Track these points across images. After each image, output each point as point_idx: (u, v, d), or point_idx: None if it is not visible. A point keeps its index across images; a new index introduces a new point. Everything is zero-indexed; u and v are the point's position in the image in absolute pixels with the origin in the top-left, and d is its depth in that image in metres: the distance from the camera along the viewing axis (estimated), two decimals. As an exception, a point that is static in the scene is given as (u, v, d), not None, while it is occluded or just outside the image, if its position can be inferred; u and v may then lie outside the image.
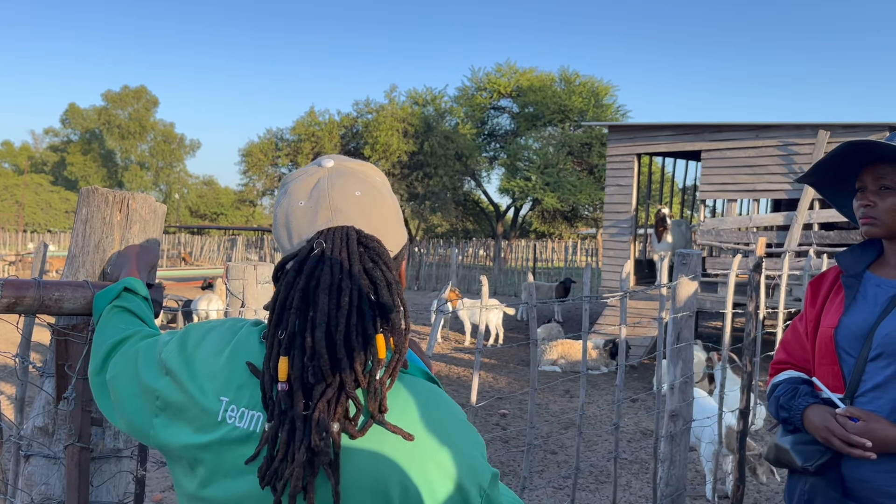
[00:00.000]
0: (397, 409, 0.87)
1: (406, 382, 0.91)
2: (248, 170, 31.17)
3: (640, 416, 7.14)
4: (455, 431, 0.88)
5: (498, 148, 31.98)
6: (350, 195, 0.93)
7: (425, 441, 0.86)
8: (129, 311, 1.25)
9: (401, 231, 0.98)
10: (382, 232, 0.93)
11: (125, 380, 1.06)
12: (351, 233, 0.89)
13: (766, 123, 10.40)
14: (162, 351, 1.03)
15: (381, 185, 0.97)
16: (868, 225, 1.69)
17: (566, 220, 33.20)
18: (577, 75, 29.92)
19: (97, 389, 1.14)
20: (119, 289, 1.30)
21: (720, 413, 4.16)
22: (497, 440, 6.18)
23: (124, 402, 1.05)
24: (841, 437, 1.62)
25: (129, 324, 1.20)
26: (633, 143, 11.92)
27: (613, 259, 12.23)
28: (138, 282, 1.34)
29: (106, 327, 1.21)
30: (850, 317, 1.70)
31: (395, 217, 0.97)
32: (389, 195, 0.98)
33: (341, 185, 0.94)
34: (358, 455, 0.85)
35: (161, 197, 55.99)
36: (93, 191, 1.62)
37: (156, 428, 0.98)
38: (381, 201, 0.95)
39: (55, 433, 1.60)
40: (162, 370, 1.01)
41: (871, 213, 1.68)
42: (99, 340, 1.19)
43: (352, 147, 29.88)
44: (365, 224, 0.92)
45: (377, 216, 0.93)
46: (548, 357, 9.65)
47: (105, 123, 53.41)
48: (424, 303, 16.56)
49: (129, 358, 1.08)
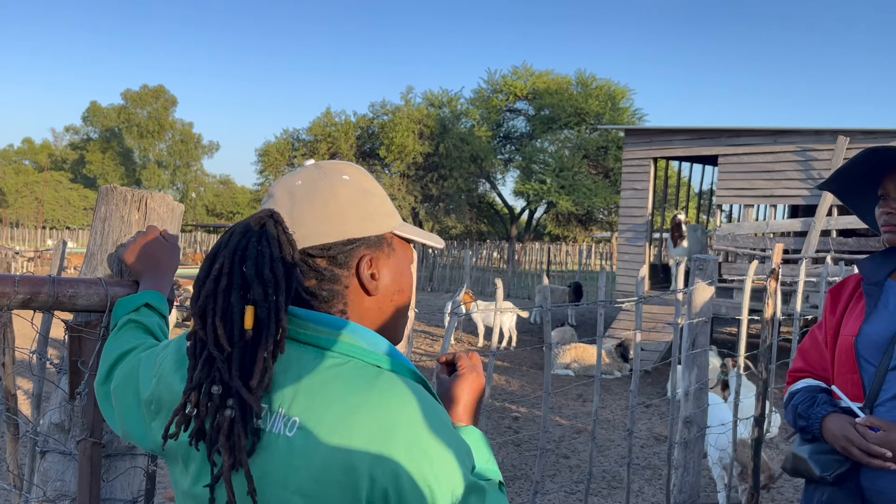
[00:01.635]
0: (372, 404, 0.86)
1: (385, 379, 0.89)
2: (264, 169, 31.32)
3: (653, 421, 7.09)
4: (434, 432, 0.86)
5: (513, 150, 31.93)
6: (290, 184, 0.99)
7: (400, 438, 0.84)
8: (144, 327, 1.26)
9: (338, 224, 0.98)
10: (305, 219, 0.97)
11: (125, 391, 1.08)
12: (261, 213, 0.94)
13: (785, 129, 10.31)
14: (159, 355, 1.05)
15: (338, 181, 1.00)
16: (890, 233, 1.67)
17: (581, 224, 33.09)
18: (593, 78, 29.81)
19: (101, 398, 1.16)
20: (140, 303, 1.31)
21: (735, 420, 4.13)
22: (509, 443, 6.17)
23: (125, 410, 1.07)
24: (860, 446, 1.59)
25: (140, 339, 1.21)
26: (650, 147, 11.86)
27: (628, 263, 12.17)
28: (161, 298, 1.34)
29: (117, 339, 1.23)
30: (871, 325, 1.68)
31: (330, 209, 0.98)
32: (342, 188, 0.99)
33: (291, 177, 1.00)
34: (324, 445, 0.85)
35: (178, 196, 56.26)
36: (111, 189, 1.63)
37: (153, 431, 1.01)
38: (317, 192, 0.98)
39: (71, 430, 1.61)
40: (154, 375, 1.03)
41: (894, 221, 1.66)
42: (107, 351, 1.20)
43: (367, 148, 29.97)
44: (287, 209, 0.97)
45: (304, 204, 0.97)
46: (561, 361, 9.61)
47: (124, 122, 53.86)
48: (438, 304, 16.56)
49: (132, 368, 1.10)
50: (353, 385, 0.88)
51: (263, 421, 0.90)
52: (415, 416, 0.86)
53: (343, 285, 0.98)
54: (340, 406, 0.86)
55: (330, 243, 0.98)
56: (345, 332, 0.93)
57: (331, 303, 0.98)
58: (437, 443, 0.86)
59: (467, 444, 0.92)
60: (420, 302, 16.27)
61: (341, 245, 0.98)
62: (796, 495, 5.04)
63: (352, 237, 0.99)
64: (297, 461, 0.85)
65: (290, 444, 0.86)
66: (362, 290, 0.99)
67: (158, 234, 1.50)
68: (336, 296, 0.98)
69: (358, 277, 0.99)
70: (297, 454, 0.86)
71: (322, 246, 0.97)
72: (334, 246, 0.98)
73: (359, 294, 0.99)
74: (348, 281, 0.98)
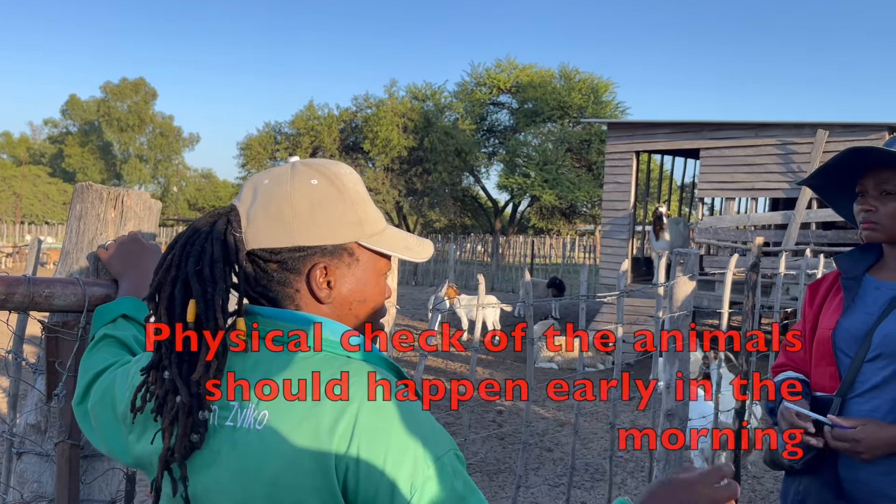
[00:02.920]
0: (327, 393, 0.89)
1: (354, 367, 0.92)
2: (246, 163, 31.11)
3: (636, 413, 7.14)
4: (400, 418, 0.88)
5: (497, 144, 31.95)
6: (259, 183, 0.99)
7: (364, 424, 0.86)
8: (119, 342, 1.25)
9: (288, 230, 0.95)
10: (257, 220, 0.96)
11: (103, 408, 1.09)
12: (221, 211, 0.97)
13: (765, 122, 10.40)
14: (132, 368, 1.07)
15: (302, 185, 0.97)
16: (869, 230, 1.69)
17: (564, 217, 33.18)
18: (576, 72, 29.88)
19: (80, 417, 1.16)
20: (118, 312, 1.29)
21: (716, 413, 4.16)
22: (493, 437, 6.19)
23: (104, 428, 1.08)
24: (791, 422, 1.69)
25: (116, 356, 1.20)
26: (632, 141, 11.91)
27: (611, 256, 12.22)
28: (140, 306, 1.32)
29: (92, 356, 1.22)
30: (849, 319, 1.71)
31: (282, 213, 0.95)
32: (306, 196, 0.96)
33: (264, 174, 1.00)
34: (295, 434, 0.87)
35: (159, 190, 55.78)
36: (87, 187, 1.60)
37: (130, 444, 1.02)
38: (280, 195, 0.96)
39: (48, 431, 1.59)
40: (129, 387, 1.03)
41: (872, 218, 1.68)
42: (83, 369, 1.20)
43: (351, 142, 29.85)
44: (246, 207, 0.97)
45: (260, 205, 0.96)
46: (544, 354, 9.66)
47: (104, 115, 53.21)
48: (422, 298, 16.55)
49: (108, 386, 1.10)
50: (322, 375, 0.90)
51: (234, 417, 0.91)
52: (380, 402, 0.88)
53: (293, 289, 0.97)
54: (311, 394, 0.88)
55: (279, 248, 0.96)
56: (312, 326, 0.94)
57: (281, 304, 0.97)
58: (401, 429, 0.87)
59: (441, 430, 0.91)
60: (404, 296, 16.25)
61: (289, 251, 0.96)
62: (776, 485, 5.10)
63: (301, 245, 0.96)
64: (268, 453, 0.87)
65: (260, 437, 0.88)
66: (312, 298, 0.98)
67: (138, 235, 1.49)
68: (285, 298, 0.97)
69: (308, 285, 0.97)
70: (268, 446, 0.87)
71: (270, 250, 0.96)
72: (283, 251, 0.96)
73: (309, 300, 0.98)
74: (299, 286, 0.97)
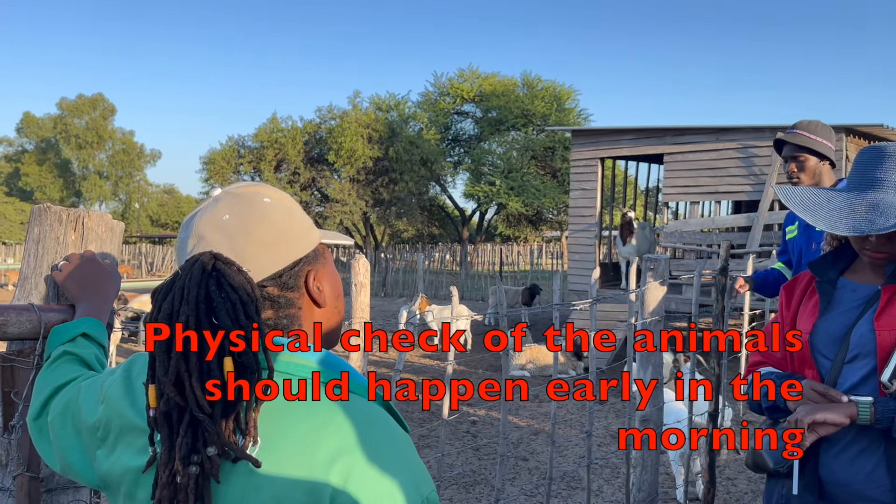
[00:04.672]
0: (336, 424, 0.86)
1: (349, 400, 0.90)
2: (210, 178, 30.75)
3: (609, 419, 7.17)
4: (392, 456, 0.86)
5: (462, 153, 32.06)
6: (217, 220, 0.94)
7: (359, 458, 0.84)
8: (79, 359, 1.20)
9: (284, 248, 0.96)
10: (250, 253, 0.93)
11: (63, 422, 1.05)
12: (204, 257, 0.89)
13: (727, 126, 10.56)
14: (105, 381, 1.02)
15: (262, 206, 0.96)
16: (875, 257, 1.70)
17: (531, 224, 33.40)
18: (539, 80, 30.16)
19: (36, 434, 1.11)
20: (77, 332, 1.24)
21: (689, 416, 4.18)
22: (468, 449, 6.15)
23: (64, 442, 1.04)
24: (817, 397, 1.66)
25: (76, 372, 1.16)
26: (597, 148, 12.01)
27: (579, 262, 12.30)
28: (99, 326, 1.28)
29: (51, 372, 1.17)
30: (826, 321, 1.73)
31: (271, 236, 0.95)
32: (273, 213, 0.96)
33: (212, 213, 0.95)
34: (287, 466, 0.84)
35: (121, 206, 54.86)
36: (45, 209, 1.55)
37: (98, 460, 0.97)
38: (253, 222, 0.94)
39: (8, 464, 1.52)
40: (100, 401, 1.00)
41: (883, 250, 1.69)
42: (41, 385, 1.15)
43: (315, 153, 29.69)
44: (227, 247, 0.92)
45: (243, 238, 0.93)
46: (516, 362, 9.66)
47: (61, 132, 52.19)
48: (392, 309, 16.47)
49: (70, 399, 1.06)
50: (316, 406, 0.88)
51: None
52: (375, 436, 0.86)
53: (297, 307, 0.97)
54: (304, 426, 0.86)
55: (280, 270, 0.96)
56: (298, 356, 0.92)
57: (290, 328, 0.97)
58: (393, 464, 0.85)
59: (425, 469, 0.91)
60: (374, 308, 16.15)
61: (289, 269, 0.97)
62: (750, 486, 5.15)
63: (296, 258, 0.97)
64: (259, 483, 0.84)
65: (250, 468, 0.85)
66: (313, 306, 0.99)
67: (95, 256, 1.43)
68: (294, 320, 0.97)
69: (309, 294, 0.98)
70: (259, 477, 0.84)
71: (272, 275, 0.95)
72: (284, 272, 0.96)
73: (310, 309, 0.99)
74: (301, 302, 0.98)
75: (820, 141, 3.10)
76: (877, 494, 1.63)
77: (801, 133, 3.10)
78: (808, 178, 3.12)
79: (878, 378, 1.63)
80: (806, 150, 3.08)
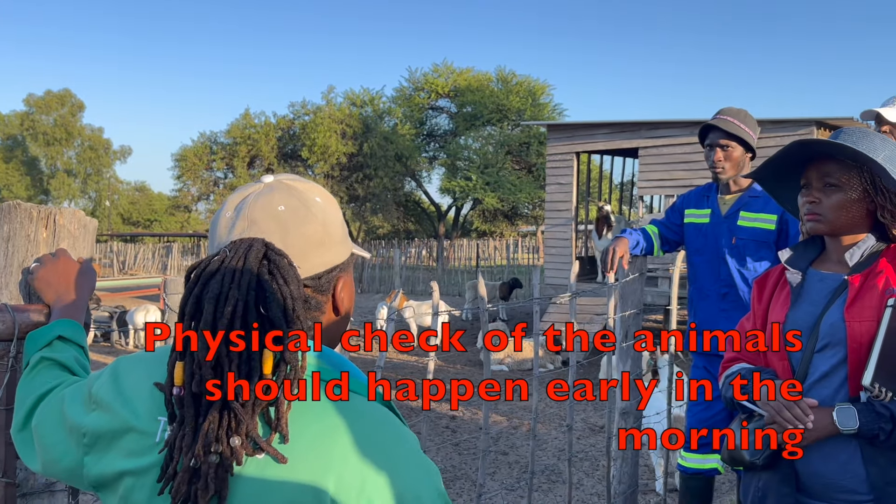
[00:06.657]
0: (348, 426, 0.85)
1: (359, 403, 0.89)
2: (181, 175, 30.41)
3: (588, 412, 7.21)
4: (401, 457, 0.86)
5: (437, 148, 32.01)
6: (272, 209, 0.93)
7: (367, 465, 0.83)
8: (59, 364, 1.17)
9: (328, 252, 0.96)
10: (299, 249, 0.92)
11: (51, 425, 1.02)
12: (256, 244, 0.87)
13: (700, 120, 10.64)
14: (92, 386, 0.99)
15: (314, 205, 0.96)
16: (813, 221, 1.72)
17: (507, 219, 33.50)
18: (513, 75, 30.18)
19: (21, 445, 1.08)
20: (52, 335, 1.21)
21: (668, 408, 4.21)
22: (448, 445, 6.15)
23: (50, 447, 1.01)
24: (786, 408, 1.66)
25: (58, 378, 1.13)
26: (572, 142, 12.06)
27: (556, 257, 12.35)
28: (76, 327, 1.25)
29: (31, 381, 1.14)
30: (796, 312, 1.75)
31: (320, 237, 0.95)
32: (323, 215, 0.96)
33: (267, 200, 0.93)
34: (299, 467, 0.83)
35: (91, 204, 53.98)
36: (15, 206, 1.51)
37: (87, 466, 0.95)
38: (306, 219, 0.94)
39: (-20, 470, 1.48)
40: (90, 406, 0.97)
41: (816, 210, 1.72)
42: (22, 395, 1.12)
43: (289, 149, 29.47)
44: (280, 239, 0.91)
45: (296, 233, 0.93)
46: (494, 357, 9.67)
47: (28, 129, 51.20)
48: (369, 306, 16.43)
49: (55, 404, 1.04)
50: (329, 408, 0.87)
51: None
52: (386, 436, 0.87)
53: (321, 311, 0.97)
54: (317, 427, 0.85)
55: (320, 272, 0.96)
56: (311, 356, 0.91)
57: (312, 330, 0.95)
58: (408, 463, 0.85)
59: (434, 466, 0.91)
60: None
61: (327, 273, 0.96)
62: (727, 475, 5.20)
63: (335, 264, 0.97)
64: (268, 484, 0.83)
65: (260, 468, 0.84)
66: (331, 311, 0.99)
67: (68, 254, 1.41)
68: (315, 323, 0.97)
69: (334, 301, 0.98)
70: (268, 477, 0.83)
71: (314, 276, 0.95)
72: (323, 275, 0.96)
73: (329, 315, 0.99)
74: (326, 307, 0.97)
75: (748, 132, 2.95)
76: (853, 485, 1.64)
77: (731, 120, 2.93)
78: (732, 168, 2.96)
79: (848, 371, 1.65)
80: (734, 138, 2.92)
